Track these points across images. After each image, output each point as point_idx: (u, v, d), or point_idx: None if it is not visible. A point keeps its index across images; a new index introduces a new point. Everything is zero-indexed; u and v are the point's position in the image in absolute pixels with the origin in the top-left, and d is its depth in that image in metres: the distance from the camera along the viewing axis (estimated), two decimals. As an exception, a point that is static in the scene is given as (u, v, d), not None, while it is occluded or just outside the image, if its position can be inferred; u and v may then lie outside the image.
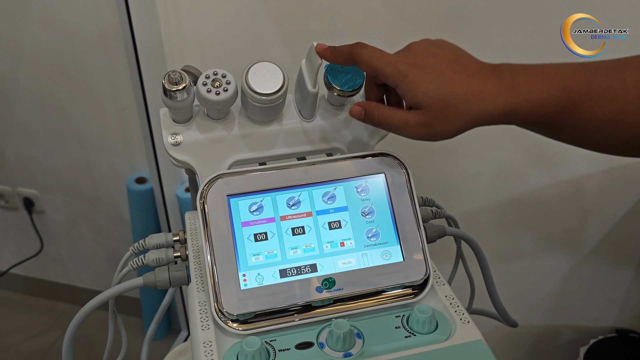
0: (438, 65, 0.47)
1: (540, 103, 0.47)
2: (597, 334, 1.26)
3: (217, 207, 0.51)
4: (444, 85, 0.46)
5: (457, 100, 0.46)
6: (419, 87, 0.46)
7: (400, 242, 0.53)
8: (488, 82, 0.47)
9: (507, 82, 0.47)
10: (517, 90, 0.46)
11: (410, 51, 0.49)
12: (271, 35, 1.03)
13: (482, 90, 0.46)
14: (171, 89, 0.53)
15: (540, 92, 0.46)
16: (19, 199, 1.58)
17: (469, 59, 0.49)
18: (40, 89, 1.31)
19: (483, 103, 0.46)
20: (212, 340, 0.48)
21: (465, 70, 0.47)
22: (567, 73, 0.47)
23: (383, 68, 0.48)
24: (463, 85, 0.46)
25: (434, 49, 0.49)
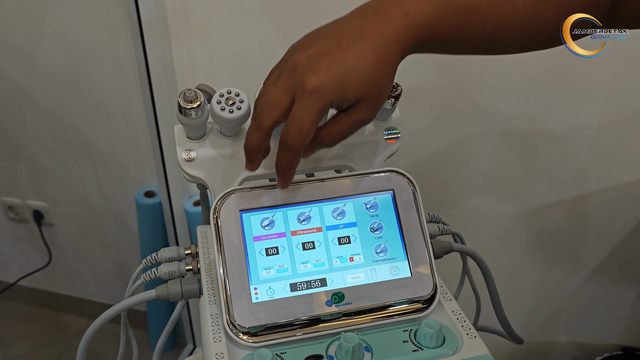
0: (326, 52, 0.44)
1: (434, 25, 0.46)
2: (603, 352, 1.26)
3: (229, 222, 0.52)
4: (357, 65, 0.43)
5: (378, 68, 0.44)
6: (344, 89, 0.44)
7: (408, 257, 0.54)
8: (381, 28, 0.44)
9: (396, 15, 0.45)
10: (409, 18, 0.45)
11: (288, 62, 0.46)
12: (281, 53, 1.05)
13: (382, 40, 0.44)
14: (186, 106, 0.54)
15: (430, 15, 0.45)
16: (28, 212, 1.60)
17: (338, 24, 0.47)
18: (52, 104, 1.33)
19: (392, 49, 0.45)
20: (224, 352, 0.49)
21: (350, 35, 0.45)
22: None
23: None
24: (367, 50, 0.44)
25: (303, 43, 0.47)
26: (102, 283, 1.72)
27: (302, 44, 0.46)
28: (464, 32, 0.47)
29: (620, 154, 1.02)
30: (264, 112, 0.46)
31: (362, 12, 0.46)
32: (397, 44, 0.45)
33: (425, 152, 1.10)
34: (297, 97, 0.44)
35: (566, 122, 1.02)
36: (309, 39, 0.47)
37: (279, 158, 0.47)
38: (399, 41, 0.45)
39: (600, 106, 0.98)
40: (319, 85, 0.43)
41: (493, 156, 1.09)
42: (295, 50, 0.46)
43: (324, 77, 0.43)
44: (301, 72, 0.44)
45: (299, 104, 0.44)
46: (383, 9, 0.45)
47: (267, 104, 0.46)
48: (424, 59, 0.97)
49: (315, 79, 0.43)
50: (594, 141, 1.02)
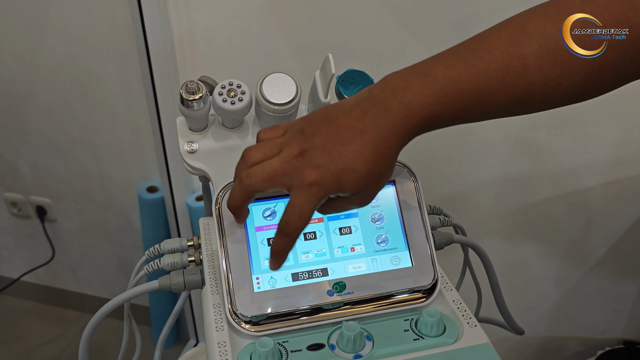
0: (328, 146, 0.44)
1: (437, 113, 0.45)
2: (604, 346, 1.26)
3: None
4: (354, 163, 0.44)
5: (376, 163, 0.44)
6: (341, 185, 0.44)
7: (409, 247, 0.54)
8: (381, 123, 0.44)
9: (396, 109, 0.44)
10: (409, 111, 0.44)
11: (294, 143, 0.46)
12: (282, 48, 1.06)
13: (382, 135, 0.44)
14: (188, 98, 0.55)
15: (433, 105, 0.44)
16: (31, 207, 1.60)
17: (342, 112, 0.46)
18: (54, 99, 1.34)
19: (391, 143, 0.45)
20: (226, 340, 0.49)
21: (351, 128, 0.44)
22: (456, 71, 0.44)
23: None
24: (366, 147, 0.44)
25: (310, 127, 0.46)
26: (105, 278, 1.72)
27: (309, 127, 0.46)
28: (472, 112, 0.46)
29: (623, 148, 1.03)
30: (256, 177, 0.45)
31: (364, 101, 0.46)
32: (397, 137, 0.45)
33: (426, 146, 1.11)
34: (295, 187, 0.44)
35: (568, 116, 1.02)
36: (314, 123, 0.46)
37: (276, 242, 0.47)
38: (398, 135, 0.45)
39: (603, 101, 0.98)
40: (318, 180, 0.44)
41: (494, 150, 1.09)
42: (302, 132, 0.46)
43: (323, 173, 0.44)
44: (303, 163, 0.44)
45: (298, 194, 0.44)
46: (384, 101, 0.45)
47: (262, 171, 0.45)
48: (426, 52, 0.97)
49: (316, 174, 0.44)
50: (597, 135, 1.02)
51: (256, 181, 0.45)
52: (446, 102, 0.44)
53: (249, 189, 0.46)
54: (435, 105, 0.44)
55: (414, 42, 0.98)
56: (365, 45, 1.01)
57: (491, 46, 0.45)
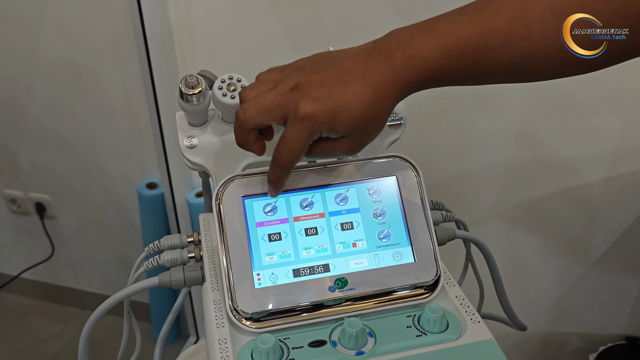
0: (327, 82, 0.45)
1: (438, 68, 0.45)
2: (606, 342, 1.26)
3: (232, 208, 0.52)
4: (352, 103, 0.44)
5: (373, 108, 0.45)
6: (335, 123, 0.45)
7: (411, 243, 0.54)
8: (383, 70, 0.45)
9: (398, 59, 0.45)
10: (411, 63, 0.45)
11: (290, 77, 0.46)
12: (282, 42, 1.05)
13: (382, 82, 0.45)
14: (188, 92, 0.54)
15: (434, 59, 0.45)
16: (31, 204, 1.60)
17: (346, 56, 0.47)
18: (53, 96, 1.33)
19: (390, 92, 0.45)
20: (227, 337, 0.49)
21: (354, 71, 0.45)
22: (460, 28, 0.45)
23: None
24: (365, 90, 0.44)
25: (310, 64, 0.47)
26: (105, 275, 1.72)
27: (309, 65, 0.47)
28: (473, 70, 0.46)
29: (625, 143, 1.02)
30: (251, 111, 0.46)
31: (369, 50, 0.47)
32: (396, 87, 0.45)
33: (427, 141, 1.10)
34: (289, 119, 0.45)
35: (570, 112, 1.01)
36: (316, 62, 0.47)
37: (271, 172, 0.49)
38: (398, 85, 0.45)
39: (605, 95, 0.98)
40: (312, 113, 0.44)
41: (496, 146, 1.08)
42: (300, 68, 0.47)
43: (318, 107, 0.44)
44: (299, 95, 0.44)
45: (291, 126, 0.45)
46: (388, 51, 0.46)
47: (256, 104, 0.46)
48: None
49: (311, 106, 0.44)
50: (598, 130, 1.02)
51: (251, 115, 0.46)
52: (448, 57, 0.45)
53: (245, 123, 0.46)
54: (437, 59, 0.45)
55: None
56: (365, 39, 1.00)
57: (498, 8, 0.45)
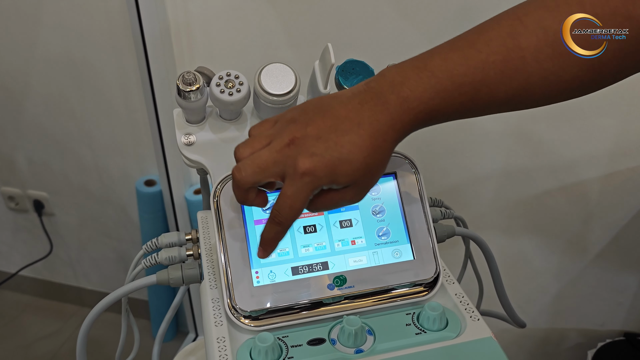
0: (323, 135, 0.43)
1: (434, 108, 0.44)
2: (605, 338, 1.26)
3: (230, 206, 0.51)
4: (351, 153, 0.43)
5: (372, 155, 0.44)
6: (336, 175, 0.43)
7: (410, 240, 0.54)
8: (379, 116, 0.43)
9: (393, 103, 0.44)
10: (407, 105, 0.44)
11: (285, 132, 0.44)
12: (280, 38, 1.04)
13: (379, 128, 0.43)
14: (185, 89, 0.54)
15: (430, 99, 0.44)
16: (29, 202, 1.59)
17: (339, 103, 0.45)
18: (51, 93, 1.32)
19: (388, 136, 0.44)
20: (225, 336, 0.49)
21: (348, 120, 0.43)
22: (453, 65, 0.44)
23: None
24: (363, 138, 0.43)
25: (303, 116, 0.45)
26: (104, 273, 1.72)
27: (302, 116, 0.45)
28: (470, 106, 0.45)
29: (623, 139, 1.02)
30: (247, 170, 0.44)
31: (362, 94, 0.45)
32: (394, 131, 0.44)
33: (426, 139, 1.10)
34: (288, 176, 0.43)
35: (568, 108, 1.01)
36: (308, 112, 0.45)
37: (267, 230, 0.46)
38: (396, 128, 0.44)
39: (603, 92, 0.97)
40: (311, 169, 0.42)
41: (495, 143, 1.08)
42: (293, 120, 0.45)
43: (317, 162, 0.42)
44: (296, 151, 0.43)
45: (290, 184, 0.43)
46: (381, 94, 0.44)
47: (252, 163, 0.44)
48: (426, 42, 0.96)
49: (309, 162, 0.42)
50: (597, 126, 1.01)
51: (247, 174, 0.44)
52: (444, 96, 0.44)
53: (241, 183, 0.44)
54: (434, 99, 0.44)
55: (414, 32, 0.97)
56: (364, 35, 0.99)
57: (489, 39, 0.44)
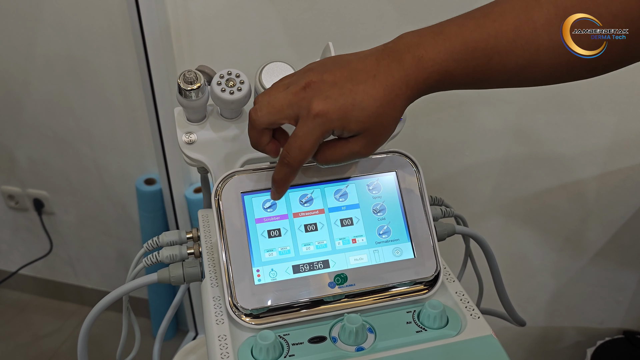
0: (339, 82, 0.45)
1: (447, 70, 0.46)
2: (604, 336, 1.26)
3: (231, 204, 0.52)
4: (364, 101, 0.45)
5: (384, 107, 0.45)
6: (348, 120, 0.45)
7: (411, 239, 0.54)
8: (394, 72, 0.46)
9: (409, 61, 0.46)
10: (421, 65, 0.46)
11: (302, 78, 0.47)
12: (280, 37, 1.05)
13: (393, 83, 0.46)
14: (186, 88, 0.54)
15: (444, 61, 0.46)
16: (28, 200, 1.59)
17: (356, 58, 0.48)
18: (50, 91, 1.32)
19: (401, 92, 0.46)
20: (226, 334, 0.49)
21: (365, 72, 0.46)
22: (468, 31, 0.46)
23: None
24: (377, 89, 0.45)
25: (321, 66, 0.47)
26: (104, 271, 1.72)
27: (320, 67, 0.47)
28: (482, 73, 0.47)
29: (622, 137, 1.02)
30: (262, 111, 0.47)
31: (379, 52, 0.47)
32: (407, 87, 0.46)
33: (425, 137, 1.10)
34: (301, 117, 0.45)
35: (567, 107, 1.01)
36: (327, 64, 0.48)
37: (277, 171, 0.48)
38: (409, 85, 0.46)
39: (603, 89, 0.98)
40: (324, 111, 0.44)
41: (494, 141, 1.08)
42: (311, 70, 0.47)
43: (330, 105, 0.44)
44: (311, 94, 0.45)
45: (302, 124, 0.45)
46: (398, 53, 0.46)
47: (268, 104, 0.47)
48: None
49: (323, 104, 0.44)
50: (596, 125, 1.02)
51: (262, 114, 0.47)
52: (457, 59, 0.46)
53: (257, 122, 0.47)
54: (447, 61, 0.46)
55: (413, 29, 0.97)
56: (364, 34, 1.00)
57: (503, 11, 0.46)
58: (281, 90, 0.47)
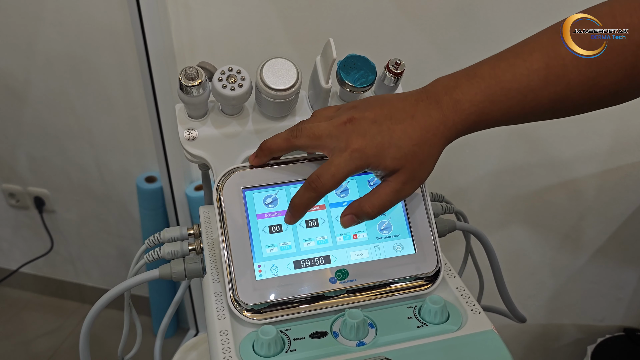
0: (379, 120, 0.48)
1: (484, 111, 0.48)
2: (605, 333, 1.27)
3: (232, 200, 0.52)
4: (401, 140, 0.47)
5: (421, 146, 0.47)
6: (383, 157, 0.47)
7: (412, 234, 0.54)
8: (432, 112, 0.48)
9: (447, 103, 0.48)
10: (459, 106, 0.48)
11: (345, 113, 0.49)
12: (281, 35, 1.05)
13: (431, 123, 0.47)
14: (187, 84, 0.54)
15: (480, 102, 0.47)
16: (29, 198, 1.60)
17: (397, 98, 0.50)
18: (51, 89, 1.32)
19: (439, 132, 0.48)
20: (228, 329, 0.49)
21: (404, 111, 0.48)
22: (500, 72, 0.48)
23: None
24: (415, 129, 0.47)
25: (364, 104, 0.50)
26: (105, 269, 1.72)
27: (362, 104, 0.50)
28: (517, 111, 0.48)
29: (622, 135, 1.02)
30: (302, 133, 0.49)
31: (418, 94, 0.50)
32: (445, 128, 0.48)
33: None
34: (339, 149, 0.47)
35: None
36: (370, 102, 0.50)
37: (300, 194, 0.48)
38: (447, 126, 0.48)
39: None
40: (361, 147, 0.46)
41: (494, 139, 1.08)
42: (354, 107, 0.50)
43: (368, 142, 0.46)
44: (351, 129, 0.47)
45: (339, 155, 0.47)
46: (435, 95, 0.48)
47: (310, 130, 0.49)
48: (426, 38, 0.96)
49: (361, 141, 0.46)
50: (597, 121, 1.02)
51: (300, 135, 0.49)
52: (493, 100, 0.47)
53: (290, 142, 0.50)
54: (483, 102, 0.47)
55: (414, 28, 0.97)
56: (365, 32, 1.00)
57: (532, 50, 0.48)
58: (323, 121, 0.49)
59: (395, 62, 0.58)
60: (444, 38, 0.97)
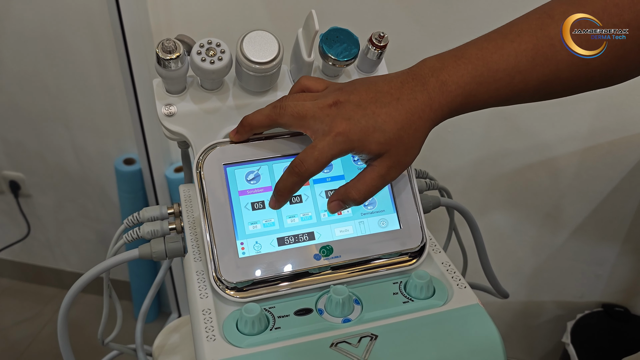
0: (363, 103, 0.46)
1: (471, 93, 0.47)
2: (584, 309, 1.29)
3: (213, 176, 0.50)
4: (385, 124, 0.46)
5: (406, 129, 0.46)
6: (368, 141, 0.46)
7: (397, 210, 0.53)
8: (417, 95, 0.47)
9: (433, 85, 0.47)
10: (445, 88, 0.47)
11: (330, 95, 0.48)
12: (261, 13, 1.03)
13: (417, 106, 0.46)
14: (165, 57, 0.52)
15: (467, 84, 0.47)
16: (4, 183, 1.56)
17: (383, 80, 0.49)
18: (24, 70, 1.29)
19: (424, 114, 0.47)
20: (210, 308, 0.48)
21: (389, 94, 0.47)
22: (488, 53, 0.47)
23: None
24: (399, 112, 0.46)
25: (349, 86, 0.49)
26: (83, 254, 1.69)
27: (348, 87, 0.48)
28: (505, 93, 0.48)
29: (602, 113, 1.02)
30: (285, 110, 0.48)
31: (404, 75, 0.48)
32: (431, 110, 0.47)
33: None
34: (322, 132, 0.46)
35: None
36: (355, 85, 0.49)
37: (283, 179, 0.47)
38: (433, 109, 0.47)
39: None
40: (346, 130, 0.45)
41: (475, 116, 1.07)
42: (340, 89, 0.49)
43: (352, 126, 0.45)
44: (335, 112, 0.46)
45: (323, 139, 0.45)
46: (421, 77, 0.47)
47: (294, 108, 0.48)
48: (407, 14, 0.95)
49: (345, 125, 0.45)
50: (577, 101, 1.02)
51: (284, 113, 0.48)
52: (480, 81, 0.47)
53: (273, 118, 0.49)
54: (470, 84, 0.47)
55: (396, 4, 0.96)
56: (346, 8, 0.98)
57: (520, 31, 0.47)
58: (308, 100, 0.48)
59: (378, 35, 0.57)
60: (426, 14, 0.96)
